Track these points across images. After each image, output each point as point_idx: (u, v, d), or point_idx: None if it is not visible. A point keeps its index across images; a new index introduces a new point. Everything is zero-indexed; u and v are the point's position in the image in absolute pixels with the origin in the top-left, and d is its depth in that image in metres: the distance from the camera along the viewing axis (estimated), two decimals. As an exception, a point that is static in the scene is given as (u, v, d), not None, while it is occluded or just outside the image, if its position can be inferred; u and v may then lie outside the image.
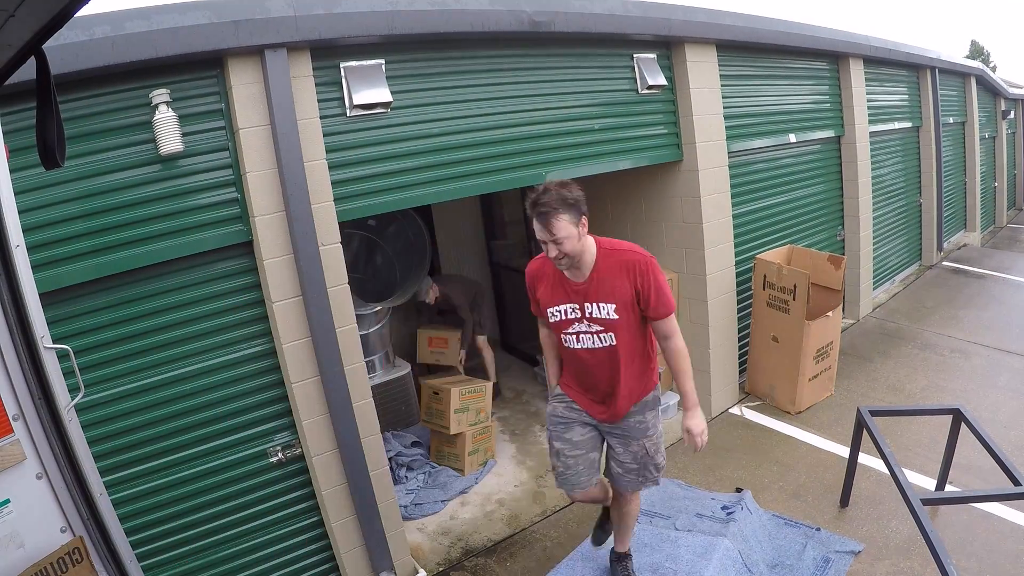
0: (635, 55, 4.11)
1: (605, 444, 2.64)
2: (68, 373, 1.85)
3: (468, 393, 4.38)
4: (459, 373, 5.04)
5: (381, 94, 3.05)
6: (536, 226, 2.15)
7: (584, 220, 2.19)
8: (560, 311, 2.32)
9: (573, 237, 2.15)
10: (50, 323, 1.79)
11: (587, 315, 2.28)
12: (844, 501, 3.52)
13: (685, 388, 2.39)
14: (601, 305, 2.26)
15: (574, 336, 2.33)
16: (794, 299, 4.51)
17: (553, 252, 2.16)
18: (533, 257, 6.28)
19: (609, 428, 2.55)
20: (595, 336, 2.31)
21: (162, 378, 2.77)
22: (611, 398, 2.41)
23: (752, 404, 4.92)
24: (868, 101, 6.41)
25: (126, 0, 2.95)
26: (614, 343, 2.30)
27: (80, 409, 2.31)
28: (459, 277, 5.88)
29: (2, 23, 0.95)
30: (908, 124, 7.73)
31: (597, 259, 2.27)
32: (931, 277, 8.03)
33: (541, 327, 2.62)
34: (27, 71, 1.21)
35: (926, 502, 2.66)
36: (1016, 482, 2.67)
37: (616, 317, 2.26)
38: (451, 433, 4.30)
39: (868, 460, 3.72)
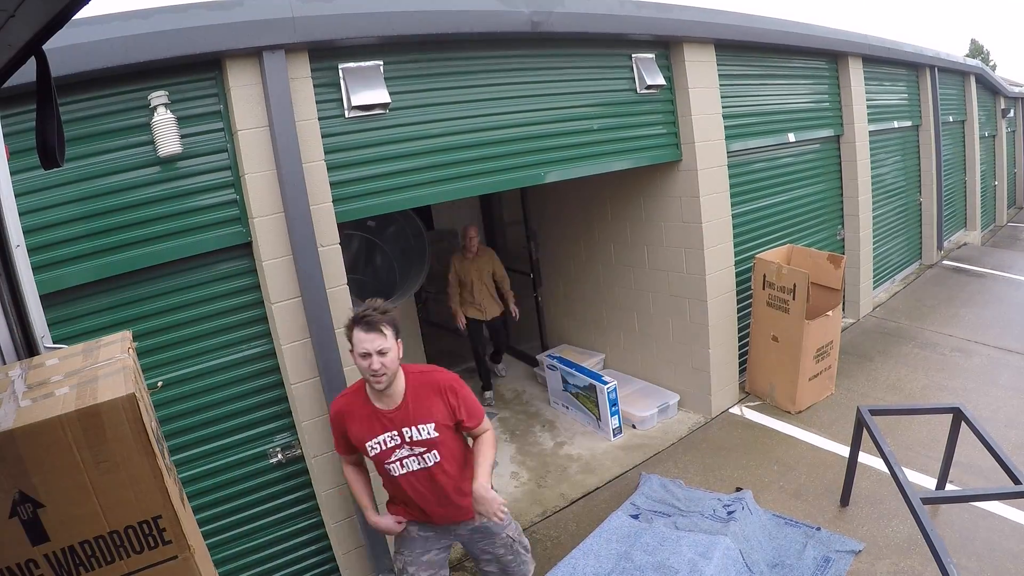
0: (634, 55, 4.12)
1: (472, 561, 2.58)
2: (68, 374, 1.85)
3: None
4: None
5: (379, 95, 3.05)
6: (360, 336, 2.12)
7: (400, 342, 2.21)
8: (379, 442, 2.25)
9: (394, 351, 2.15)
10: (51, 324, 1.80)
11: (407, 440, 2.24)
12: (844, 500, 3.52)
13: (483, 472, 2.26)
14: (420, 427, 2.24)
15: (397, 463, 2.27)
16: (794, 298, 4.51)
17: (376, 364, 2.11)
18: (532, 258, 6.30)
19: (468, 535, 2.49)
20: (419, 458, 2.27)
21: (162, 379, 2.77)
22: (447, 502, 2.36)
23: (752, 404, 4.92)
24: (867, 100, 6.42)
25: (126, 1, 2.96)
26: (439, 459, 2.28)
27: (80, 410, 2.31)
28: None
29: (2, 23, 0.95)
30: (908, 123, 7.73)
31: (407, 383, 2.26)
32: (931, 276, 8.03)
33: (345, 465, 2.47)
34: (27, 72, 1.21)
35: (926, 501, 2.66)
36: (1016, 481, 2.66)
37: (437, 435, 2.26)
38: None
39: (868, 459, 3.72)
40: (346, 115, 3.04)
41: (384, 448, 2.25)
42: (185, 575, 1.19)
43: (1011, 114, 12.59)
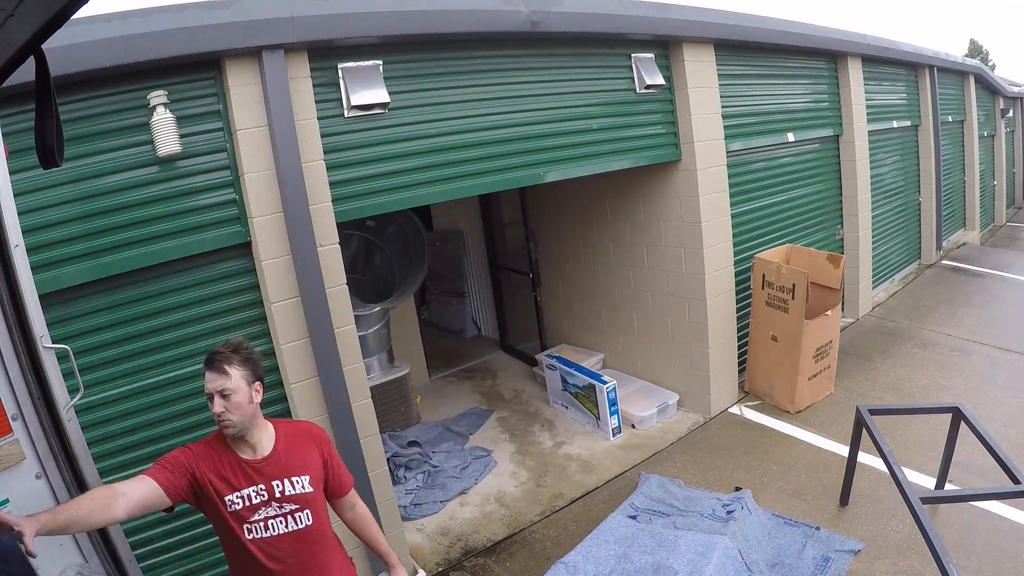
0: (633, 55, 4.12)
1: None
2: (68, 374, 1.85)
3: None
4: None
5: (379, 95, 3.05)
6: (206, 374, 1.83)
7: (259, 387, 1.90)
8: (241, 497, 1.84)
9: (243, 393, 1.82)
10: (50, 324, 1.80)
11: (276, 495, 1.87)
12: (844, 500, 3.52)
13: (384, 547, 2.13)
14: (294, 479, 1.90)
15: (261, 524, 1.86)
16: (793, 298, 4.52)
17: (218, 407, 1.79)
18: (531, 257, 6.30)
19: None
20: (288, 517, 1.88)
21: (162, 379, 2.77)
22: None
23: (751, 403, 4.92)
24: (867, 100, 6.42)
25: (125, 1, 2.96)
26: (311, 522, 1.91)
27: (80, 410, 2.32)
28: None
29: (1, 22, 0.95)
30: (907, 123, 7.73)
31: (277, 432, 1.95)
32: (930, 276, 8.04)
33: (113, 487, 1.71)
34: (26, 72, 1.21)
35: (926, 501, 2.66)
36: (1016, 480, 2.67)
37: (311, 490, 1.92)
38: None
39: (868, 459, 3.72)
40: (345, 115, 3.04)
41: (246, 505, 1.85)
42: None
43: (1010, 114, 12.60)
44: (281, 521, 1.88)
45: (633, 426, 4.75)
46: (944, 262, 8.56)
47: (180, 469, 1.82)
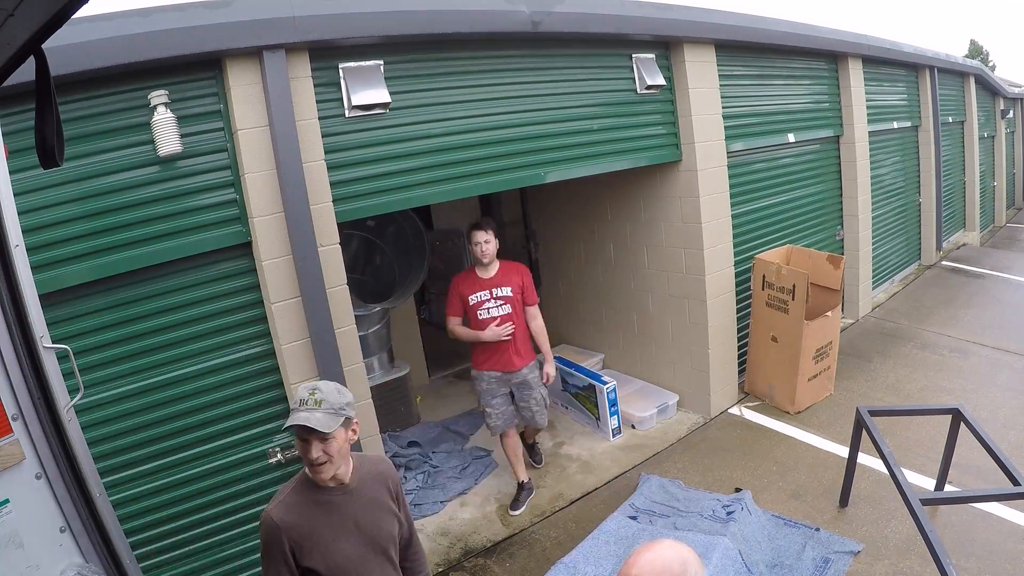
0: (634, 55, 4.12)
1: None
2: (68, 374, 1.85)
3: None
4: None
5: (379, 95, 3.05)
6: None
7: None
8: (477, 297, 3.64)
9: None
10: (51, 324, 1.79)
11: (495, 296, 3.65)
12: (843, 501, 3.52)
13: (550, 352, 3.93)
14: (503, 288, 3.65)
15: (487, 307, 3.65)
16: (793, 299, 4.52)
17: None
18: (532, 258, 6.28)
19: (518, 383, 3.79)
20: (501, 307, 3.65)
21: (162, 379, 2.77)
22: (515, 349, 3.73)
23: (751, 404, 4.92)
24: (867, 101, 6.42)
25: (126, 0, 2.96)
26: (510, 311, 3.65)
27: (80, 410, 2.31)
28: None
29: (1, 22, 0.95)
30: (907, 124, 7.73)
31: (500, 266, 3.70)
32: (930, 277, 8.04)
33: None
34: (26, 71, 1.21)
35: (925, 502, 2.66)
36: (1015, 482, 2.67)
37: (512, 295, 3.66)
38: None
39: (867, 460, 3.72)
40: (346, 115, 3.04)
41: (478, 300, 3.63)
42: None
43: (1010, 115, 12.60)
44: (496, 306, 3.65)
45: (633, 426, 4.75)
46: (944, 263, 8.56)
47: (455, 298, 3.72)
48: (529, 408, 3.82)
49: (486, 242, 3.54)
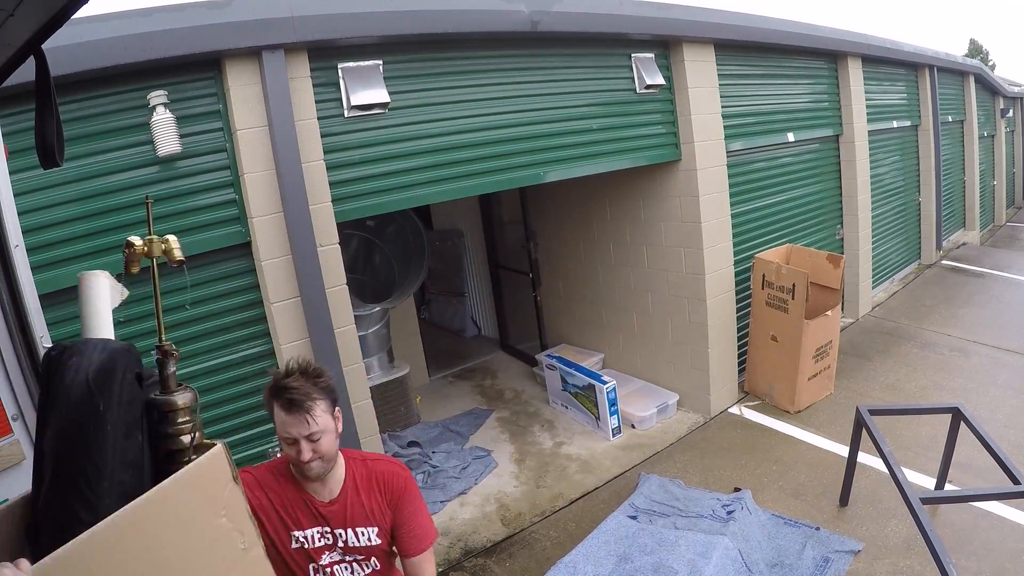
0: (633, 55, 4.12)
1: None
2: (67, 374, 1.85)
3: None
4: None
5: (379, 95, 3.05)
6: (281, 417, 1.64)
7: (339, 412, 1.74)
8: (306, 537, 1.72)
9: (331, 432, 1.68)
10: (51, 325, 1.79)
11: (339, 544, 1.75)
12: (844, 500, 3.52)
13: None
14: (360, 531, 1.75)
15: (327, 568, 1.75)
16: (793, 298, 4.52)
17: (307, 455, 1.62)
18: (531, 257, 6.29)
19: None
20: (353, 566, 1.77)
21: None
22: None
23: (751, 403, 4.92)
24: (867, 100, 6.42)
25: (126, 0, 2.96)
26: (378, 568, 1.80)
27: (79, 410, 2.31)
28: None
29: (1, 22, 0.95)
30: (907, 123, 7.73)
31: (347, 471, 1.78)
32: (930, 276, 8.04)
33: None
34: (26, 71, 1.21)
35: (925, 501, 2.66)
36: (1015, 481, 2.66)
37: (379, 542, 1.78)
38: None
39: (867, 459, 3.72)
40: (345, 115, 3.04)
41: (312, 545, 1.73)
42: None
43: (1010, 114, 12.60)
44: (345, 568, 1.77)
45: (633, 426, 4.75)
46: (944, 262, 8.56)
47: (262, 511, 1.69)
48: None
49: (311, 439, 1.65)
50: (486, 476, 4.33)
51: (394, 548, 1.85)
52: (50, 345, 1.75)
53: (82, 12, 1.04)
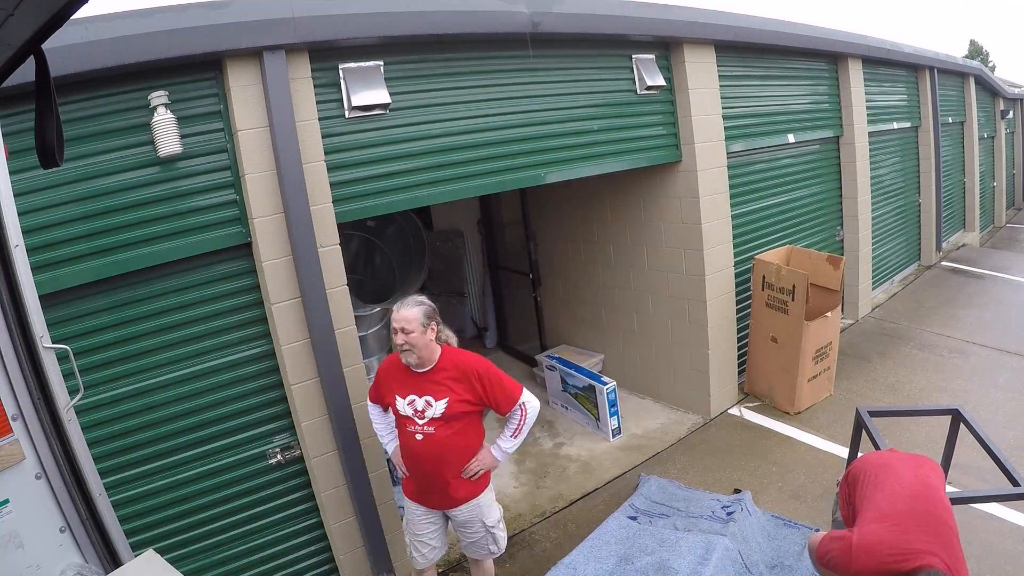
0: (634, 56, 4.12)
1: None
2: (68, 374, 1.85)
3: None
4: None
5: (380, 95, 3.05)
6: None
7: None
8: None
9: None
10: (51, 325, 1.79)
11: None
12: (843, 501, 3.52)
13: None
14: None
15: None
16: (793, 299, 4.52)
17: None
18: (531, 258, 6.28)
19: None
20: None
21: (162, 380, 2.77)
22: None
23: (751, 405, 4.92)
24: (867, 101, 6.42)
25: (126, 1, 2.96)
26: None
27: (80, 410, 2.31)
28: None
29: (1, 22, 0.95)
30: (907, 124, 7.74)
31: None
32: (930, 277, 8.04)
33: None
34: (26, 72, 1.21)
35: (925, 502, 2.66)
36: (1015, 482, 2.66)
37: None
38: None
39: (867, 460, 3.71)
40: (346, 115, 3.04)
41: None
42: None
43: (1010, 115, 12.61)
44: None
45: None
46: (944, 263, 8.56)
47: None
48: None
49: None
50: (486, 477, 4.32)
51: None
52: (50, 345, 1.75)
53: (82, 12, 1.04)
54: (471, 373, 2.54)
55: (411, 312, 2.46)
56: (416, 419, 2.53)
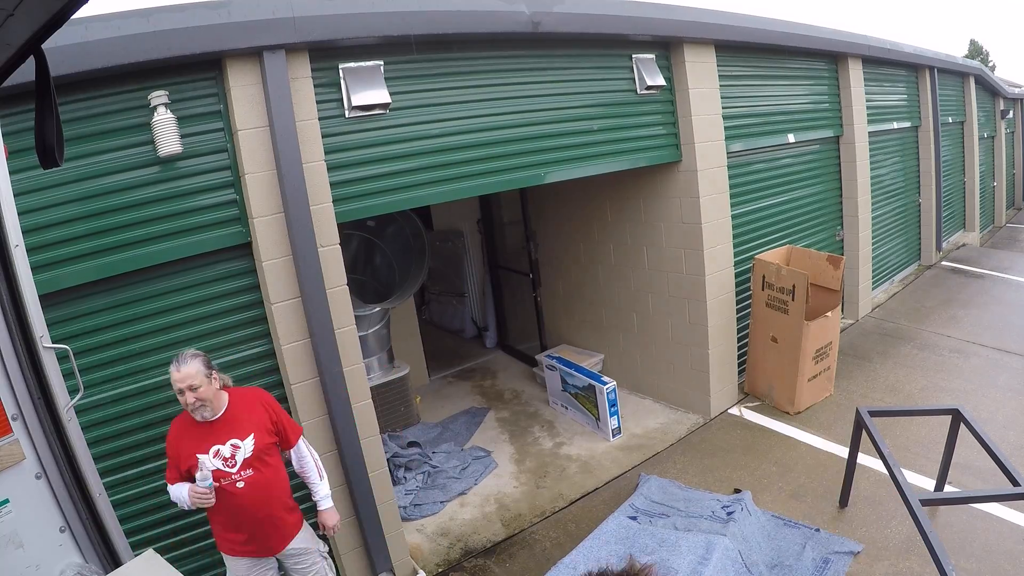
0: (634, 55, 4.12)
1: None
2: (68, 374, 1.85)
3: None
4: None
5: (380, 95, 3.05)
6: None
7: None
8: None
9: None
10: (51, 324, 1.79)
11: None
12: (843, 501, 3.52)
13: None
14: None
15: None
16: (793, 299, 4.52)
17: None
18: (531, 258, 6.29)
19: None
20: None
21: (162, 379, 2.76)
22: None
23: (751, 404, 4.92)
24: (867, 101, 6.42)
25: (126, 0, 2.96)
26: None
27: (80, 410, 2.32)
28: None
29: (1, 22, 0.95)
30: (907, 124, 7.74)
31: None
32: (930, 277, 8.04)
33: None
34: (26, 71, 1.21)
35: (925, 502, 2.66)
36: (1015, 482, 2.67)
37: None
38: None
39: (867, 460, 3.72)
40: (346, 115, 3.04)
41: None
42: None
43: (1010, 115, 12.60)
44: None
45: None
46: (944, 263, 8.56)
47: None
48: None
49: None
50: (486, 476, 4.33)
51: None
52: (50, 345, 1.75)
53: (82, 12, 1.04)
54: (261, 402, 2.52)
55: (191, 368, 2.32)
56: (228, 469, 2.39)
